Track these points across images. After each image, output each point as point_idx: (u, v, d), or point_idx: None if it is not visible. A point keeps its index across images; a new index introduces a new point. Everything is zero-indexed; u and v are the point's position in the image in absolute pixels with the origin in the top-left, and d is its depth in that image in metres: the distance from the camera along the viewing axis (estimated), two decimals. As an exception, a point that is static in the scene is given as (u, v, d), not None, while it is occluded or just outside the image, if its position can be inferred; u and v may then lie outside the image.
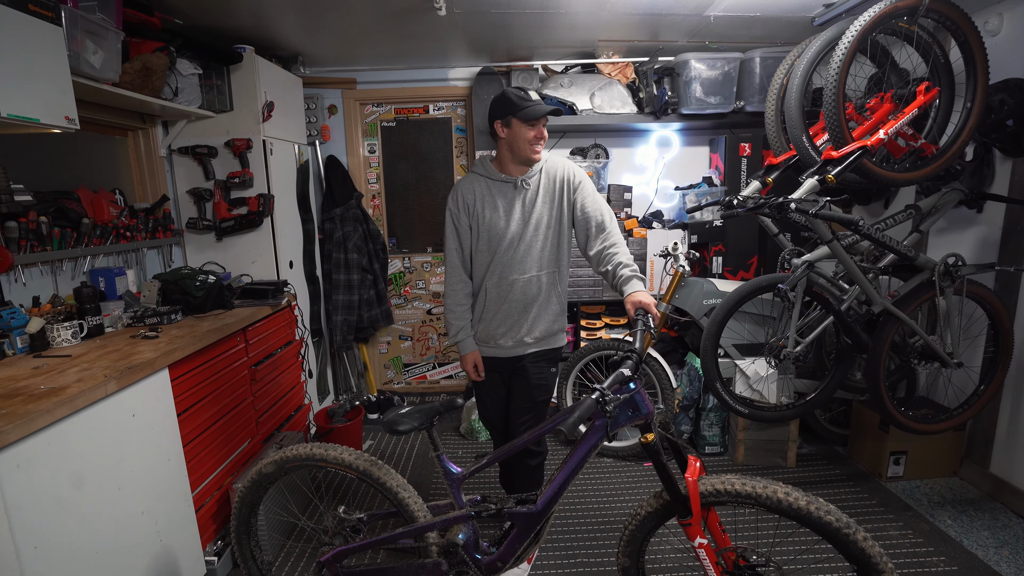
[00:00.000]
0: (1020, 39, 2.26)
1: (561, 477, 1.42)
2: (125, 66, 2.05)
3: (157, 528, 1.70)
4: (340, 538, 1.61)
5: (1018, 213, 2.30)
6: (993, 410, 2.45)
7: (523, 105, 1.73)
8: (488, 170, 1.87)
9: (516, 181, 1.84)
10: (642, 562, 1.51)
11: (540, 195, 1.85)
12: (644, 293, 1.65)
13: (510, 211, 1.84)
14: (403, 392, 3.79)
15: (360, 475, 1.54)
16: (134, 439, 1.63)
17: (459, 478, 1.53)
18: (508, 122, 1.77)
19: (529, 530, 1.47)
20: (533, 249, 1.85)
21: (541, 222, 1.84)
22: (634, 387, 1.32)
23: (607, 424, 1.35)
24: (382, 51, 3.07)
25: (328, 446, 1.59)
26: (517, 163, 1.82)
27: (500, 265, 1.85)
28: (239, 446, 2.23)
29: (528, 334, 1.90)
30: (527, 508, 1.45)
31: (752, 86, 2.98)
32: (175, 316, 2.18)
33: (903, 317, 2.22)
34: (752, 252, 3.19)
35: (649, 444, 1.34)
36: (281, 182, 2.88)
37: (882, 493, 2.49)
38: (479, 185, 1.86)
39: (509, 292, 1.86)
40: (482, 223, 1.85)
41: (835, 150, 1.99)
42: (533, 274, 1.86)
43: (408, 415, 1.50)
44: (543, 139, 1.79)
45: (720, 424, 2.86)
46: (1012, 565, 2.03)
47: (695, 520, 1.34)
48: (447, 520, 1.51)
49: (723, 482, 1.32)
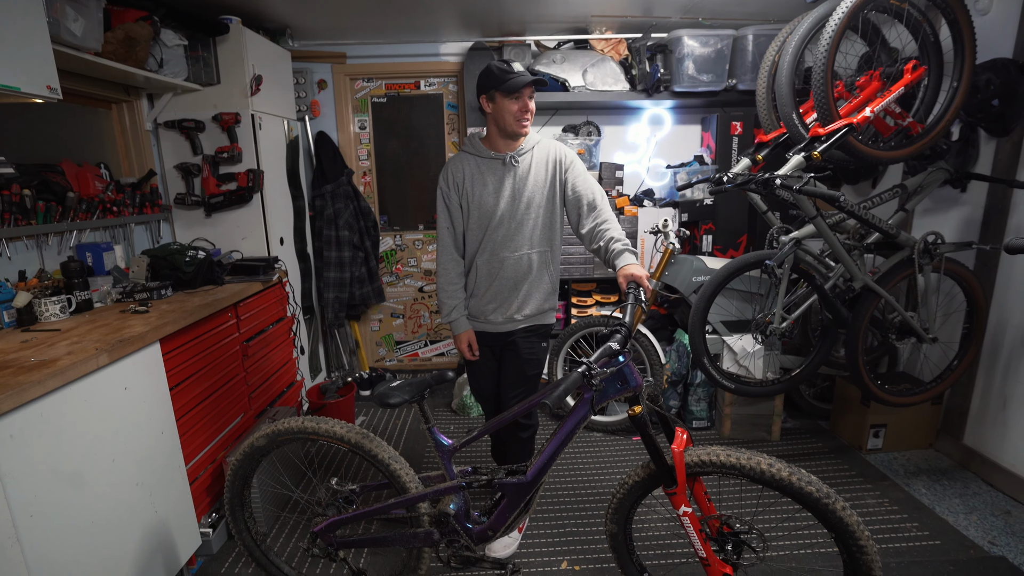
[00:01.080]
0: (1010, 19, 2.27)
1: (550, 449, 1.45)
2: (107, 35, 2.00)
3: (152, 499, 1.72)
4: (333, 509, 1.64)
5: (1000, 193, 2.35)
6: (968, 385, 2.53)
7: (505, 78, 1.71)
8: (477, 148, 1.86)
9: (505, 158, 1.83)
10: (629, 529, 1.57)
11: (531, 174, 1.85)
12: (636, 266, 1.66)
13: (499, 188, 1.83)
14: (395, 369, 3.81)
15: (351, 447, 1.57)
16: (127, 412, 1.64)
17: (450, 450, 1.56)
18: (492, 96, 1.76)
19: (519, 500, 1.50)
20: (524, 227, 1.85)
21: (532, 200, 1.84)
22: (623, 360, 1.34)
23: (594, 397, 1.37)
24: (373, 25, 3.02)
25: (320, 419, 1.60)
26: (504, 138, 1.82)
27: (491, 243, 1.86)
28: (232, 421, 2.25)
29: (518, 311, 1.91)
30: (517, 479, 1.49)
31: (744, 64, 2.98)
32: (165, 292, 2.18)
33: (882, 293, 2.27)
34: (742, 231, 3.22)
35: (636, 416, 1.37)
36: (270, 158, 2.85)
37: (862, 464, 2.57)
38: (468, 164, 1.86)
39: (500, 269, 1.87)
40: (472, 201, 1.85)
41: (822, 127, 2.01)
42: (524, 252, 1.86)
43: (399, 388, 1.51)
44: (529, 111, 1.76)
45: (708, 399, 2.93)
46: (979, 529, 2.12)
47: (680, 490, 1.38)
48: (438, 491, 1.54)
49: (708, 453, 1.36)
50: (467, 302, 1.96)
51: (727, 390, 2.45)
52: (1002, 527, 2.12)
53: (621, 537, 1.56)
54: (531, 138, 1.87)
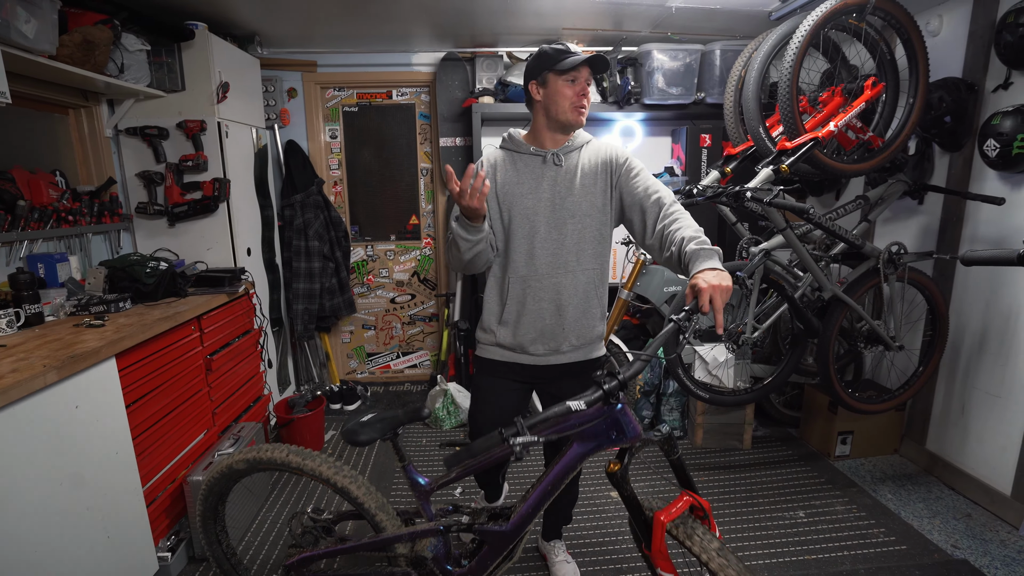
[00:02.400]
0: (958, 40, 2.38)
1: (535, 497, 1.29)
2: (63, 38, 1.93)
3: (104, 524, 1.63)
4: (310, 537, 1.56)
5: (955, 204, 2.44)
6: (930, 391, 2.60)
7: (560, 57, 1.48)
8: (516, 143, 1.60)
9: (546, 155, 1.56)
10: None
11: (578, 177, 1.55)
12: (713, 272, 1.24)
13: (537, 191, 1.55)
14: (367, 382, 3.74)
15: (337, 491, 1.46)
16: (77, 432, 1.55)
17: (427, 490, 1.42)
18: (544, 80, 1.52)
19: (501, 549, 1.35)
20: (567, 240, 1.56)
21: (578, 209, 1.55)
22: (620, 407, 1.17)
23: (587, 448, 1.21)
24: (344, 33, 2.99)
25: (307, 454, 1.49)
26: (554, 130, 1.56)
27: (528, 256, 1.56)
28: (194, 438, 2.16)
29: (565, 342, 1.61)
30: (499, 526, 1.33)
31: (712, 78, 3.04)
32: (123, 304, 2.09)
33: (850, 302, 2.32)
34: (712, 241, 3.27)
35: (612, 474, 1.20)
36: (238, 166, 2.78)
37: (830, 471, 2.62)
38: (504, 161, 1.59)
39: (539, 290, 1.57)
40: (505, 201, 1.56)
41: (789, 141, 2.06)
42: (570, 270, 1.57)
43: (369, 424, 1.39)
44: (587, 98, 1.52)
45: (680, 409, 2.95)
46: (942, 532, 2.17)
47: (655, 555, 1.23)
48: (415, 533, 1.42)
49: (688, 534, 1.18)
50: (498, 330, 1.63)
51: (700, 399, 2.47)
52: (964, 530, 2.18)
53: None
54: (580, 135, 1.61)
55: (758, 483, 2.53)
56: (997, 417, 2.29)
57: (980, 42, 2.28)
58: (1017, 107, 2.06)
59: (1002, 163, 2.10)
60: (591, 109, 3.07)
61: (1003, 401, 2.27)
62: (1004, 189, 2.23)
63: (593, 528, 2.22)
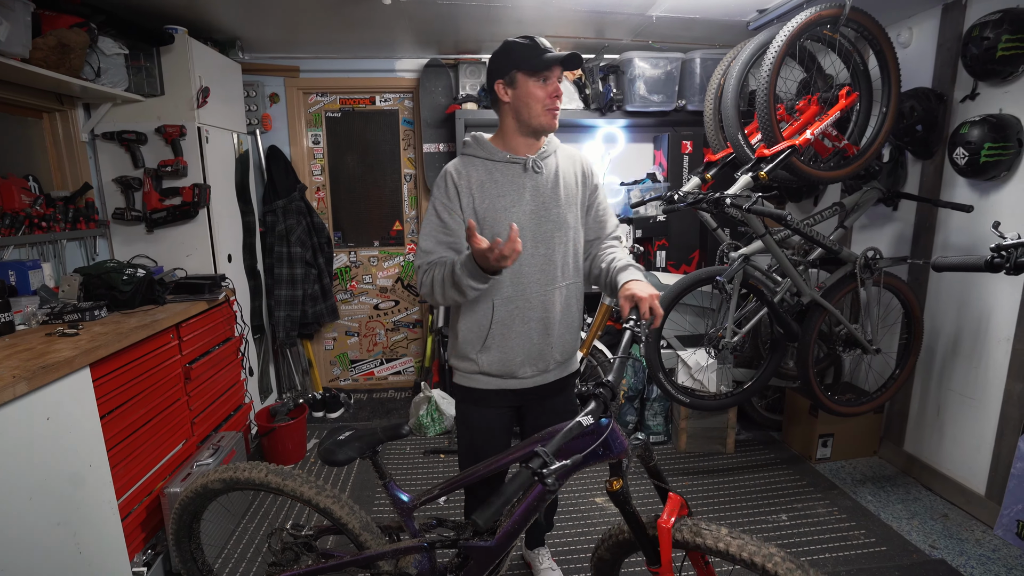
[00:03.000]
0: (928, 51, 2.45)
1: (520, 512, 1.24)
2: (37, 41, 1.89)
3: (76, 540, 1.58)
4: (290, 553, 1.53)
5: (927, 211, 2.50)
6: (906, 393, 2.66)
7: (531, 54, 1.34)
8: (487, 149, 1.45)
9: (526, 162, 1.43)
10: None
11: (561, 185, 1.47)
12: (641, 284, 1.30)
13: (519, 202, 1.43)
14: (350, 389, 3.70)
15: (320, 511, 1.41)
16: (48, 445, 1.51)
17: (410, 507, 1.39)
18: (513, 80, 1.38)
19: (487, 564, 1.30)
20: (555, 254, 1.46)
21: (564, 221, 1.47)
22: (606, 423, 1.13)
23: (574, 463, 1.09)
24: (327, 39, 2.98)
25: (286, 473, 1.44)
26: (526, 134, 1.44)
27: (513, 274, 1.43)
28: (172, 448, 2.11)
29: (552, 359, 1.54)
30: (484, 542, 1.28)
31: (693, 86, 3.09)
32: (99, 312, 2.04)
33: (829, 307, 2.36)
34: (694, 247, 3.31)
35: (615, 492, 1.14)
36: (218, 172, 2.74)
37: (812, 474, 2.65)
38: (476, 169, 1.44)
39: (527, 310, 1.46)
40: (484, 218, 1.42)
41: (767, 148, 2.09)
42: (557, 286, 1.48)
43: (347, 443, 1.34)
44: (560, 99, 1.41)
45: (664, 413, 2.96)
46: (920, 533, 2.21)
47: (665, 570, 1.17)
48: (398, 550, 1.38)
49: (696, 532, 1.14)
50: (481, 357, 1.51)
51: (683, 404, 2.49)
52: (941, 530, 2.22)
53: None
54: (551, 139, 1.53)
55: (741, 487, 2.55)
56: (971, 418, 2.34)
57: (948, 54, 2.35)
58: (984, 117, 2.12)
59: (971, 171, 2.16)
60: (574, 116, 3.13)
61: (976, 403, 2.32)
62: (973, 196, 2.30)
63: (577, 535, 2.22)
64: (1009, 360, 2.18)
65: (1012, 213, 2.14)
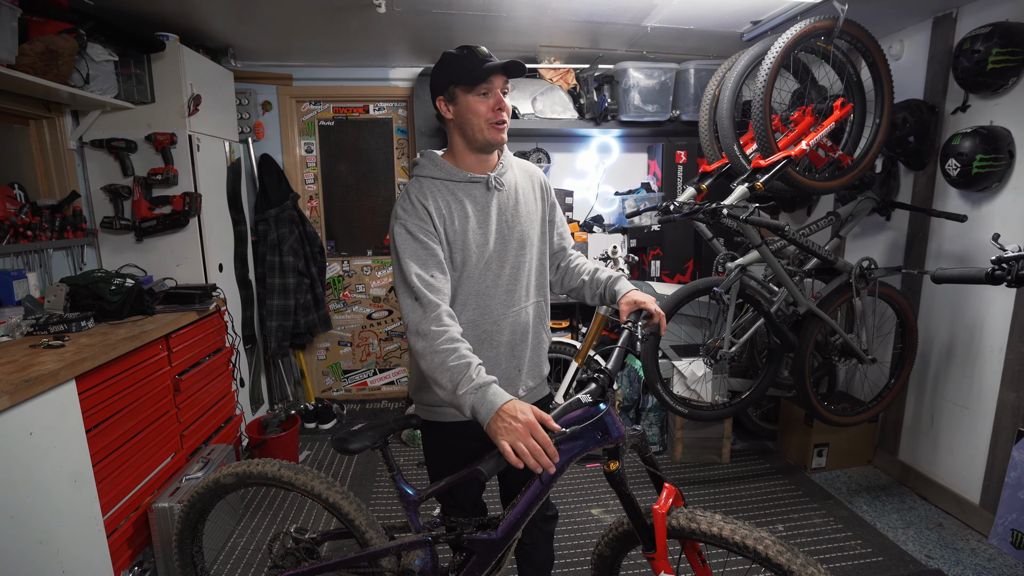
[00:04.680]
0: (919, 63, 2.48)
1: (524, 502, 1.25)
2: (24, 47, 1.86)
3: (59, 559, 1.53)
4: (291, 559, 1.52)
5: (920, 221, 2.52)
6: (901, 402, 2.66)
7: (466, 66, 1.27)
8: (444, 169, 1.36)
9: (488, 180, 1.36)
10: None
11: (521, 201, 1.41)
12: (639, 291, 1.37)
13: (485, 222, 1.35)
14: (343, 400, 3.65)
15: (327, 506, 1.45)
16: (31, 460, 1.46)
17: (415, 500, 1.38)
18: (453, 96, 1.30)
19: (489, 558, 1.30)
20: (521, 273, 1.40)
21: (528, 238, 1.41)
22: (603, 408, 1.16)
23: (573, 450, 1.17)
24: (320, 47, 2.96)
25: (298, 468, 1.47)
26: (475, 151, 1.36)
27: (479, 296, 1.37)
28: (160, 462, 2.07)
29: (522, 385, 1.46)
30: (487, 535, 1.28)
31: (687, 96, 3.10)
32: (85, 323, 2.00)
33: (825, 317, 2.37)
34: (688, 256, 3.31)
35: (612, 474, 1.20)
36: (210, 180, 2.71)
37: (807, 484, 2.64)
38: (438, 191, 1.33)
39: (495, 332, 1.39)
40: (454, 241, 1.33)
41: (763, 159, 2.10)
42: (522, 306, 1.42)
43: (359, 433, 1.34)
44: (505, 110, 1.33)
45: (659, 424, 2.95)
46: (916, 543, 2.21)
47: (660, 555, 1.21)
48: (402, 545, 1.38)
49: (691, 519, 1.20)
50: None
51: (679, 414, 2.47)
52: (936, 540, 2.22)
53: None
54: (505, 153, 1.46)
55: (737, 497, 2.54)
56: (965, 428, 2.35)
57: (939, 67, 2.37)
58: (975, 129, 2.14)
59: (963, 182, 2.18)
60: (569, 125, 3.13)
61: (970, 412, 2.33)
62: (965, 206, 2.31)
63: (574, 546, 2.19)
64: (1002, 370, 2.19)
65: (1004, 223, 2.16)
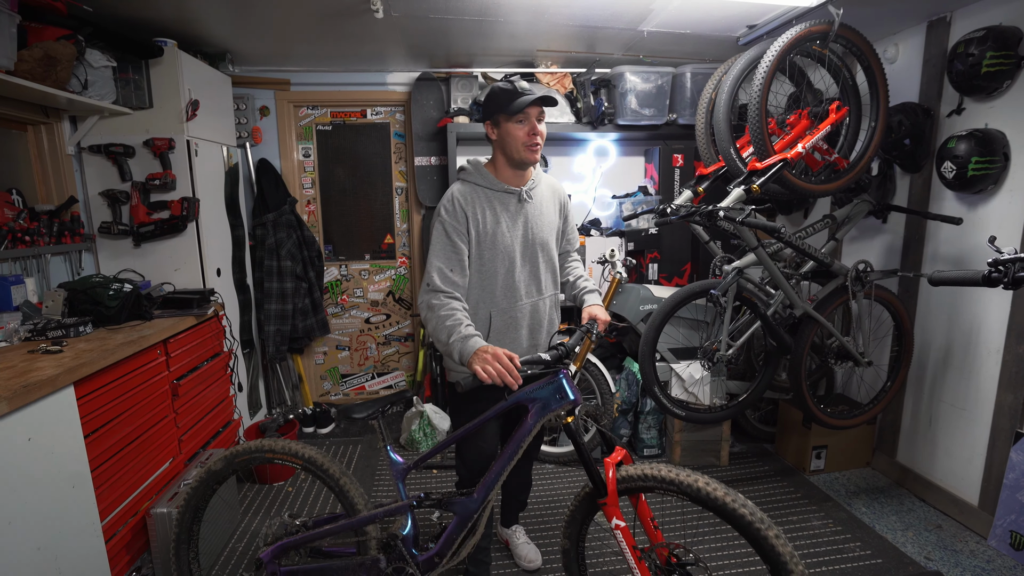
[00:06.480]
0: (914, 67, 2.49)
1: (498, 467, 1.48)
2: (23, 53, 1.86)
3: (57, 565, 1.53)
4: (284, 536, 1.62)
5: (916, 223, 2.53)
6: (898, 405, 2.67)
7: (509, 99, 1.57)
8: (487, 179, 1.68)
9: (520, 193, 1.69)
10: (582, 547, 1.58)
11: (544, 212, 1.75)
12: (601, 308, 1.72)
13: (513, 227, 1.68)
14: (341, 404, 3.65)
15: (305, 463, 1.60)
16: (29, 466, 1.46)
17: (403, 468, 1.55)
18: (496, 122, 1.63)
19: (467, 519, 1.50)
20: (540, 271, 1.75)
21: (547, 243, 1.75)
22: (562, 375, 1.42)
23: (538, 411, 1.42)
24: (318, 52, 2.97)
25: (275, 439, 1.65)
26: (513, 167, 1.67)
27: (510, 289, 1.70)
28: (159, 467, 2.06)
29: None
30: (465, 495, 1.51)
31: (684, 99, 3.12)
32: (84, 328, 2.00)
33: (821, 319, 2.37)
34: (686, 259, 3.32)
35: (568, 425, 1.43)
36: (208, 185, 2.71)
37: (806, 486, 2.64)
38: (479, 197, 1.66)
39: (520, 319, 1.73)
40: (485, 240, 1.65)
41: (759, 162, 2.11)
42: (542, 297, 1.77)
43: (362, 404, 1.61)
44: (539, 135, 1.61)
45: (657, 427, 2.95)
46: (915, 544, 2.21)
47: (611, 501, 1.40)
48: (388, 510, 1.53)
49: (650, 467, 1.37)
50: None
51: (677, 417, 2.48)
52: (935, 542, 2.22)
53: (573, 554, 1.57)
54: (537, 171, 1.78)
55: (736, 500, 2.54)
56: (963, 429, 2.35)
57: (934, 70, 2.39)
58: (970, 131, 2.15)
59: (959, 184, 2.19)
60: (566, 129, 3.14)
61: (968, 414, 2.33)
62: (961, 209, 2.33)
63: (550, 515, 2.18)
64: (999, 371, 2.19)
65: (999, 225, 2.17)
